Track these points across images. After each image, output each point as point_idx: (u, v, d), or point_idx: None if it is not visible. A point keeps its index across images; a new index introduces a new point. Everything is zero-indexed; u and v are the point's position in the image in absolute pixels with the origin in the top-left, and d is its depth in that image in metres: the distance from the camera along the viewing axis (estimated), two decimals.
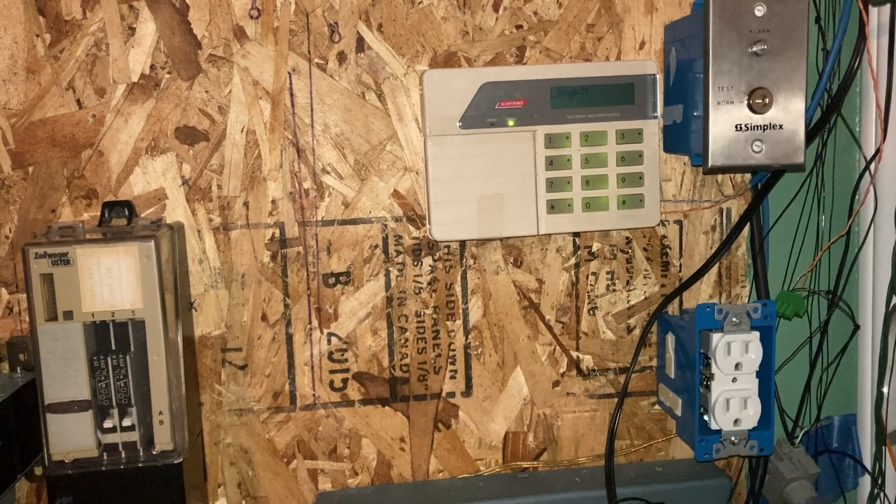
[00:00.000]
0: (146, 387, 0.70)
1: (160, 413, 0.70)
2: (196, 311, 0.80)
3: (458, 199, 0.79)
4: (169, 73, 0.77)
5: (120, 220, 0.77)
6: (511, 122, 0.79)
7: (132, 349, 0.70)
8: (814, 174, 0.86)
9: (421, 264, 0.83)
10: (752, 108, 0.72)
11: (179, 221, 0.78)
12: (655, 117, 0.80)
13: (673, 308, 0.87)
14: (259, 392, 0.82)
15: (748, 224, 0.84)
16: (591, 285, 0.85)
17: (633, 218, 0.82)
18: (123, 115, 0.76)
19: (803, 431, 0.87)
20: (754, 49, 0.72)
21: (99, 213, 0.76)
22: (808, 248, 0.87)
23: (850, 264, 0.86)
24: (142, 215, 0.78)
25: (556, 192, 0.80)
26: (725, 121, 0.73)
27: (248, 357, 0.81)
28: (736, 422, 0.78)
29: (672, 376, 0.84)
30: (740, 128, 0.73)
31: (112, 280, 0.68)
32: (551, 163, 0.79)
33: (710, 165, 0.73)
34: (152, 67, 0.76)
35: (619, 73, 0.80)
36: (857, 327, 0.85)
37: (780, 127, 0.73)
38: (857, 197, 0.85)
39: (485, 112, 0.78)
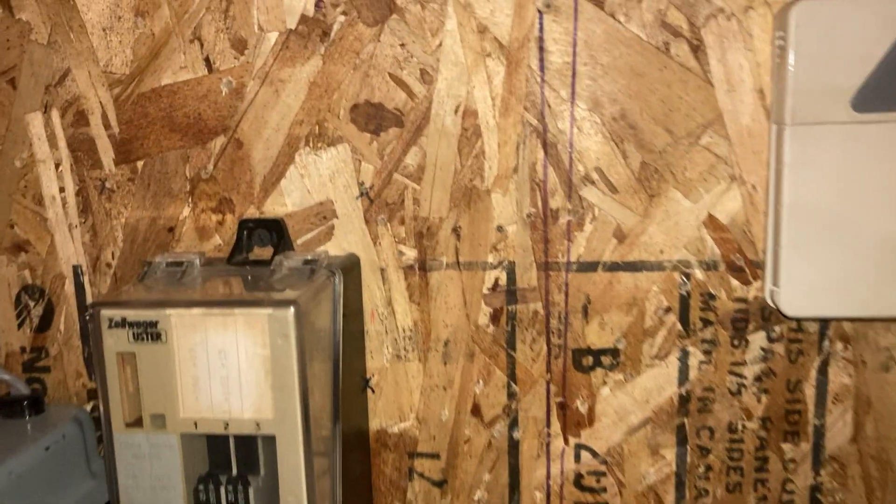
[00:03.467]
0: None
1: None
2: (373, 392, 0.51)
3: (836, 241, 0.43)
4: (345, 13, 0.47)
5: (265, 248, 0.49)
6: None
7: (261, 471, 0.42)
8: None
9: (746, 345, 0.48)
10: None
11: (353, 255, 0.49)
12: None
13: None
14: None
15: None
16: None
17: None
18: (273, 84, 0.48)
19: None
20: None
21: (234, 236, 0.49)
22: None
23: None
24: (298, 241, 0.50)
25: None
26: None
27: (449, 469, 0.51)
28: None
29: None
30: None
31: (227, 369, 0.40)
32: None
33: None
34: (318, 5, 0.47)
35: None
36: None
37: None
38: None
39: None
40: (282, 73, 0.48)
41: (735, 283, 0.47)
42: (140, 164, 0.50)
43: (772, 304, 0.45)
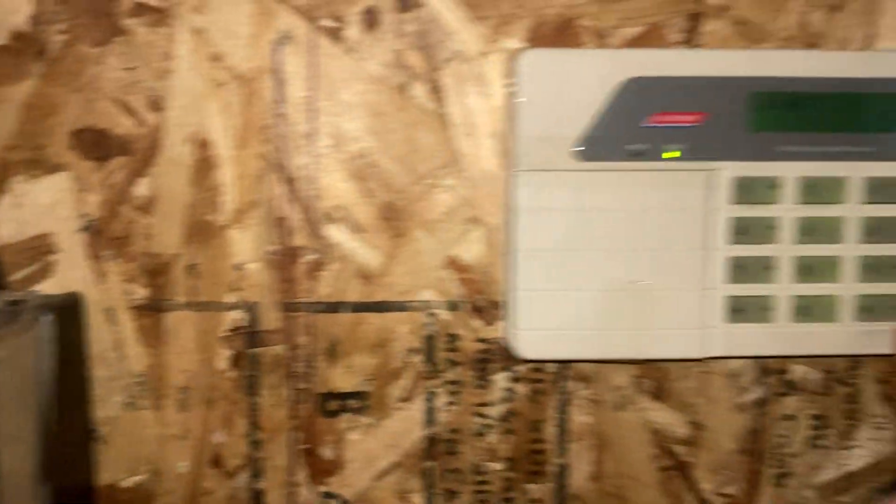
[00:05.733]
0: None
1: None
2: (103, 444, 0.47)
3: (567, 285, 0.44)
4: (65, 32, 0.43)
5: None
6: (673, 153, 0.43)
7: None
8: None
9: (490, 385, 0.48)
10: None
11: (75, 293, 0.45)
12: None
13: None
14: None
15: None
16: (782, 437, 0.49)
17: (880, 338, 0.45)
18: None
19: None
20: None
21: None
22: None
23: None
24: (10, 277, 0.45)
25: (747, 284, 0.44)
26: None
27: None
28: None
29: None
30: None
31: None
32: (745, 231, 0.43)
33: None
34: (35, 20, 0.43)
35: (878, 72, 0.43)
36: None
37: None
38: None
39: (625, 131, 0.42)
40: None
41: (478, 322, 0.47)
42: None
43: (513, 351, 0.46)
